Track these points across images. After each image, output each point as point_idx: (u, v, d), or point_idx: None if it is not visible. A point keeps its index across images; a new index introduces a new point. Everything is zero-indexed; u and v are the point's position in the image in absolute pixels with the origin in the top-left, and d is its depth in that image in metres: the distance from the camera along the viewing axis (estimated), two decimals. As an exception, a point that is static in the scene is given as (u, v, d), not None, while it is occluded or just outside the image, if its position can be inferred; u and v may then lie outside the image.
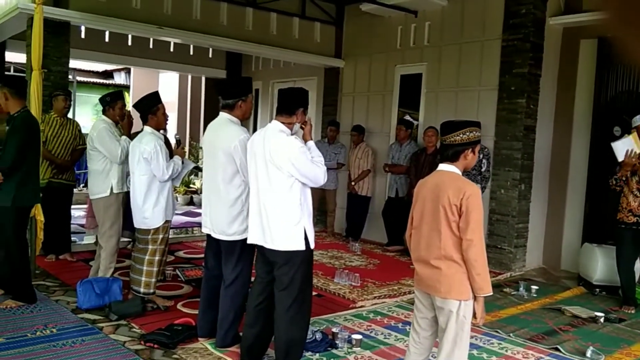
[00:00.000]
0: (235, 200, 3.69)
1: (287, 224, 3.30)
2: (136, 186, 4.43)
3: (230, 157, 3.65)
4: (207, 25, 7.29)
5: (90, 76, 17.94)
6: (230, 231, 3.71)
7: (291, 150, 3.26)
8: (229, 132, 3.70)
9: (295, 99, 3.49)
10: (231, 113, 3.79)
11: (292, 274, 3.34)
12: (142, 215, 4.42)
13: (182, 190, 11.13)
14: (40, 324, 4.09)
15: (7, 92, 4.45)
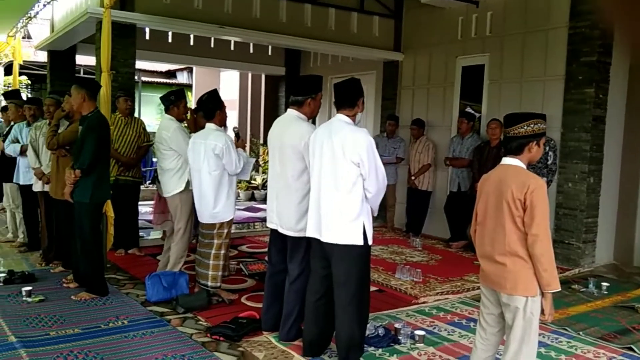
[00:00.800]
0: (304, 197, 3.69)
1: (347, 218, 3.31)
2: (205, 183, 4.48)
3: (299, 155, 3.67)
4: (266, 22, 7.38)
5: (154, 76, 18.52)
6: (298, 227, 3.72)
7: (361, 143, 3.27)
8: (298, 130, 3.70)
9: (354, 90, 3.51)
10: (299, 110, 3.80)
11: (350, 269, 3.35)
12: (213, 210, 4.49)
13: (244, 186, 11.32)
14: (113, 316, 4.27)
15: (85, 93, 4.65)
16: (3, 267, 5.45)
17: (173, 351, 3.63)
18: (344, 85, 3.53)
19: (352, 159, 3.27)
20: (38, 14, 8.91)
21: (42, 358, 3.45)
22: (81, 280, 4.86)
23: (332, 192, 3.34)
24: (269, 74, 11.40)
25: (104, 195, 4.76)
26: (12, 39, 10.64)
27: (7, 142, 6.14)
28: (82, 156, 4.53)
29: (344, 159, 3.29)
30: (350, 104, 3.46)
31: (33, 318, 4.16)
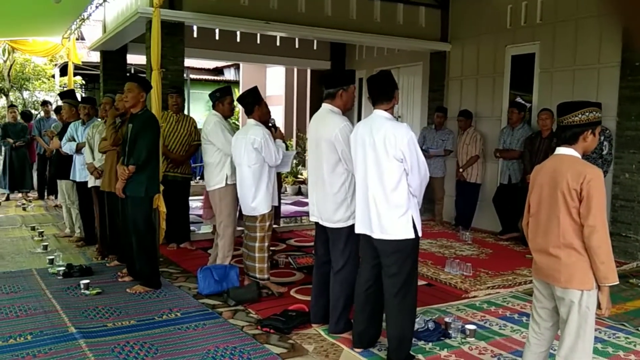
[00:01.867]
0: (339, 188, 3.75)
1: (396, 213, 3.30)
2: (246, 176, 4.60)
3: (332, 146, 3.71)
4: (312, 17, 7.39)
5: (202, 73, 18.83)
6: (335, 218, 3.77)
7: (402, 138, 3.26)
8: (330, 122, 3.75)
9: (388, 83, 3.48)
10: (332, 103, 3.83)
11: (401, 262, 3.35)
12: (252, 203, 4.60)
13: (291, 181, 11.40)
14: (166, 308, 4.38)
15: (143, 91, 4.79)
16: (62, 261, 5.65)
17: (224, 343, 3.70)
18: (377, 79, 3.50)
19: (394, 155, 3.27)
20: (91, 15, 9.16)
21: (100, 348, 3.57)
22: (136, 274, 5.00)
23: (379, 189, 3.34)
24: (315, 69, 11.42)
25: (156, 189, 4.91)
26: (66, 40, 10.98)
27: (64, 140, 6.36)
28: (137, 152, 4.66)
29: (387, 156, 3.29)
30: (387, 97, 3.45)
31: (91, 310, 4.31)
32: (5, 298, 4.59)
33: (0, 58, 13.47)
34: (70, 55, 11.03)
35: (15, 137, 9.87)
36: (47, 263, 5.63)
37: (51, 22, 9.38)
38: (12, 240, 6.86)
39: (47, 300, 4.55)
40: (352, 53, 10.72)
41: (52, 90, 14.73)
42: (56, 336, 3.77)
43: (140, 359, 3.45)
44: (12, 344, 3.65)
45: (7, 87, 13.67)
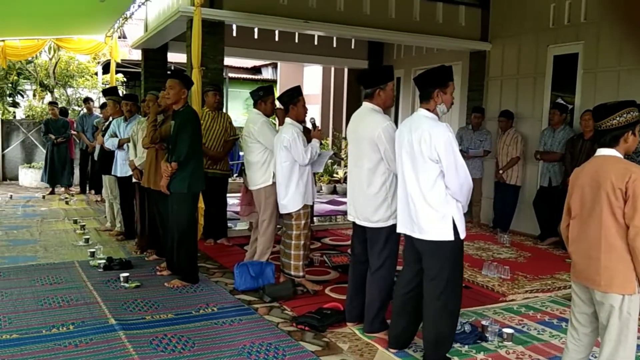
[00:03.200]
0: (379, 188, 3.72)
1: (435, 213, 3.25)
2: (278, 174, 4.69)
3: (374, 146, 3.68)
4: (350, 16, 7.39)
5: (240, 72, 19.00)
6: (374, 218, 3.74)
7: (438, 139, 3.18)
8: (372, 121, 3.72)
9: (427, 81, 3.37)
10: (372, 102, 3.80)
11: (441, 264, 3.29)
12: (282, 201, 4.66)
13: (326, 180, 11.42)
14: (203, 303, 4.44)
15: (185, 88, 4.87)
16: (103, 254, 5.79)
17: (260, 339, 3.73)
18: (419, 78, 3.44)
19: (429, 155, 3.19)
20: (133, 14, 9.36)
21: (139, 340, 3.64)
22: (174, 268, 5.09)
23: (416, 189, 3.29)
24: (352, 68, 11.40)
25: (199, 185, 4.95)
26: (109, 39, 11.24)
27: (107, 136, 6.51)
28: (178, 149, 4.73)
29: (422, 156, 3.23)
30: (425, 96, 3.36)
31: (130, 302, 4.40)
32: (49, 289, 4.73)
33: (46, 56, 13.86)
34: (112, 53, 11.28)
35: (57, 133, 10.16)
36: (89, 256, 5.77)
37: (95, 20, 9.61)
38: (56, 232, 7.06)
39: (88, 291, 4.67)
40: (390, 52, 10.67)
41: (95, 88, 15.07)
42: (97, 327, 3.87)
43: (177, 352, 3.50)
44: (55, 333, 3.76)
45: (52, 84, 14.06)
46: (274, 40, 9.93)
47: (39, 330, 3.79)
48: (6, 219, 7.86)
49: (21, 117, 13.66)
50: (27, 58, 12.71)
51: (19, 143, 12.62)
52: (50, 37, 11.15)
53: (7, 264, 5.51)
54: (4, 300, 4.42)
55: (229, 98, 15.25)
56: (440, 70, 3.40)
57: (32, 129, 12.67)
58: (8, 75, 13.63)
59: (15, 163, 12.46)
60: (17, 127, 12.69)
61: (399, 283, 3.59)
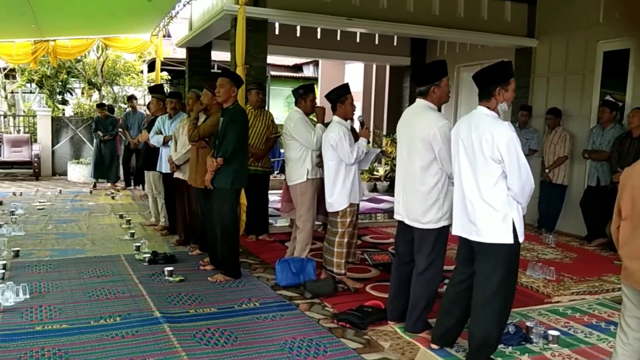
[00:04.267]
0: (431, 189, 3.64)
1: (494, 215, 3.16)
2: (326, 172, 4.71)
3: (428, 145, 3.59)
4: (393, 13, 7.34)
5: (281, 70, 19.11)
6: (425, 219, 3.67)
7: (500, 138, 3.09)
8: (427, 120, 3.63)
9: (488, 79, 3.26)
10: (426, 99, 3.72)
11: (495, 267, 3.20)
12: (329, 199, 4.67)
13: (367, 177, 11.38)
14: (245, 298, 4.50)
15: (235, 86, 4.92)
16: (148, 248, 5.92)
17: (302, 335, 3.75)
18: (478, 75, 3.33)
19: (491, 155, 3.10)
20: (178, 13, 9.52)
21: (183, 333, 3.71)
22: (217, 263, 5.16)
23: (475, 190, 3.21)
24: (394, 65, 11.32)
25: (242, 182, 5.01)
26: (155, 37, 11.48)
27: (151, 133, 6.65)
28: (225, 145, 4.79)
29: (483, 156, 3.13)
30: (485, 95, 3.25)
31: (174, 296, 4.49)
32: (97, 281, 4.86)
33: (94, 54, 14.26)
34: (157, 51, 11.52)
35: (105, 131, 10.45)
36: (134, 250, 5.90)
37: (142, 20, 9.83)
38: (102, 227, 7.26)
39: (134, 285, 4.78)
40: (433, 49, 10.55)
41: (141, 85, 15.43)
42: (142, 319, 3.95)
43: (220, 345, 3.55)
44: (103, 324, 3.86)
45: (99, 82, 14.46)
46: (316, 37, 9.95)
47: (87, 321, 3.90)
48: (56, 213, 8.11)
49: (70, 115, 14.08)
50: (76, 57, 13.10)
51: (68, 139, 13.02)
52: (99, 36, 11.47)
53: (57, 256, 5.69)
54: (54, 291, 4.56)
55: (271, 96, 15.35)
56: (501, 66, 3.30)
57: (80, 126, 13.05)
58: (58, 73, 14.08)
59: (65, 159, 12.86)
60: (67, 124, 13.09)
61: (450, 283, 3.53)
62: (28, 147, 12.41)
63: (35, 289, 4.55)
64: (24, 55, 11.16)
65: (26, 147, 12.40)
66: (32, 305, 4.18)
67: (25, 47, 11.03)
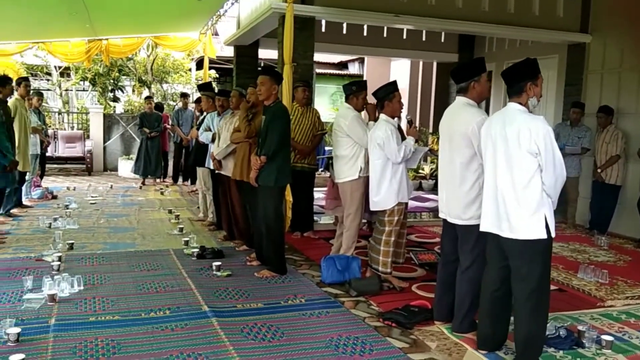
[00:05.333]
0: (472, 185, 3.64)
1: (527, 211, 3.14)
2: (372, 170, 4.69)
3: (467, 141, 3.60)
4: (441, 9, 7.25)
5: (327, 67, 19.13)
6: (465, 216, 3.66)
7: (538, 132, 3.09)
8: (465, 116, 3.65)
9: (518, 75, 3.29)
10: (466, 96, 3.74)
11: (531, 264, 3.18)
12: (374, 198, 4.65)
13: (412, 176, 11.28)
14: (291, 294, 4.53)
15: (276, 84, 4.96)
16: (196, 243, 6.03)
17: (347, 332, 3.76)
18: (507, 71, 3.35)
19: (529, 149, 3.10)
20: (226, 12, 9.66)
21: (230, 328, 3.77)
22: (263, 259, 5.22)
23: (509, 185, 3.20)
24: (441, 61, 11.17)
25: (286, 179, 5.05)
26: (203, 36, 11.67)
27: (201, 130, 6.77)
28: (268, 143, 4.84)
29: (520, 150, 3.13)
30: (516, 91, 3.28)
31: (222, 291, 4.56)
32: (147, 274, 4.99)
33: (144, 53, 14.61)
34: (206, 50, 11.70)
35: (150, 127, 10.67)
36: (183, 244, 6.03)
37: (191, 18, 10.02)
38: (152, 221, 7.43)
39: (182, 279, 4.88)
40: (482, 45, 10.36)
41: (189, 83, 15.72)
42: (191, 313, 4.04)
43: (267, 340, 3.59)
44: (153, 317, 3.96)
45: (149, 80, 14.81)
46: (362, 35, 9.91)
47: (138, 313, 4.01)
48: (107, 208, 8.36)
49: (121, 112, 14.48)
50: (127, 55, 13.43)
51: (119, 136, 13.38)
52: (149, 35, 11.73)
53: (109, 249, 5.87)
54: (106, 283, 4.71)
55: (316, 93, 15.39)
56: (529, 62, 3.32)
57: (130, 123, 13.40)
58: (110, 71, 14.49)
59: (115, 155, 13.23)
60: (117, 121, 13.46)
61: (484, 282, 3.49)
62: (81, 143, 12.83)
63: (88, 281, 4.70)
64: (78, 54, 11.52)
65: (79, 143, 12.82)
66: (86, 297, 4.32)
67: (79, 46, 11.38)
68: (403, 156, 4.55)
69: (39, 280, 4.50)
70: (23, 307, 4.05)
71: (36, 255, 5.48)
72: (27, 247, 5.86)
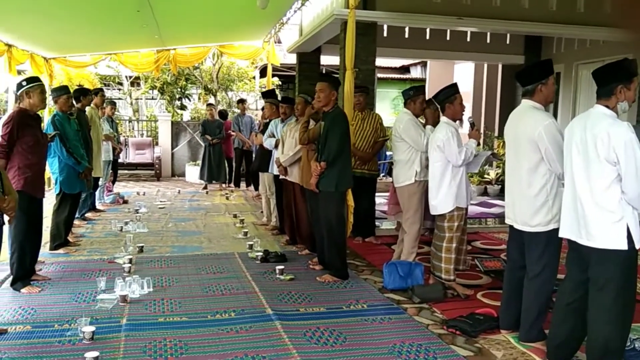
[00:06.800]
0: (539, 190, 3.52)
1: (607, 219, 2.98)
2: (431, 174, 4.64)
3: (534, 145, 3.49)
4: (507, 10, 7.10)
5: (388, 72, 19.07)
6: (533, 222, 3.55)
7: (617, 139, 2.90)
8: (532, 119, 3.53)
9: (609, 76, 3.08)
10: (532, 99, 3.62)
11: (610, 274, 3.02)
12: (433, 201, 4.60)
13: (476, 181, 11.05)
14: (353, 299, 4.53)
15: (335, 90, 5.00)
16: (260, 247, 6.13)
17: (410, 339, 3.72)
18: (598, 72, 3.16)
19: (606, 157, 2.93)
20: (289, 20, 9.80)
21: (293, 331, 3.81)
22: (325, 264, 5.24)
23: (587, 192, 3.05)
24: (507, 64, 10.93)
25: (347, 184, 5.07)
26: (266, 44, 11.88)
27: (265, 136, 6.89)
28: (327, 149, 4.87)
29: (597, 157, 2.97)
30: (606, 93, 3.08)
31: (285, 294, 4.62)
32: (213, 277, 5.11)
33: (210, 62, 15.03)
34: (269, 57, 11.90)
35: (212, 134, 10.93)
36: (247, 248, 6.15)
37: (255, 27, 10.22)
38: (218, 225, 7.62)
39: (247, 282, 4.98)
40: (549, 46, 10.06)
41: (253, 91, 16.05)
42: (255, 315, 4.11)
43: (329, 345, 3.61)
44: (219, 319, 4.06)
45: (215, 88, 15.21)
46: (425, 38, 9.83)
47: (204, 315, 4.12)
48: (175, 212, 8.63)
49: (188, 119, 14.93)
50: (193, 64, 13.86)
51: (186, 142, 13.80)
52: (215, 44, 12.05)
53: (177, 252, 6.06)
54: (174, 285, 4.86)
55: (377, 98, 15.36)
56: (624, 63, 3.12)
57: (197, 130, 13.77)
58: (177, 80, 14.98)
59: (183, 161, 13.65)
60: (185, 128, 13.89)
61: (560, 292, 3.36)
62: (150, 149, 13.32)
63: (157, 283, 4.87)
64: (148, 64, 11.97)
65: (149, 150, 13.30)
66: (155, 298, 4.48)
67: (148, 56, 11.83)
68: (464, 159, 4.48)
69: (111, 281, 4.70)
70: (97, 307, 4.25)
71: (109, 258, 5.73)
72: (101, 249, 6.13)
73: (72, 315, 4.02)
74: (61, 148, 5.73)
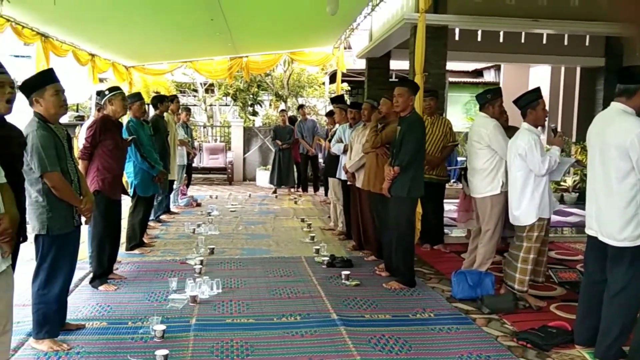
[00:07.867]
0: (629, 202, 3.27)
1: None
2: (512, 183, 4.43)
3: (624, 153, 3.23)
4: (586, 11, 6.83)
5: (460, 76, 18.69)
6: (621, 236, 3.31)
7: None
8: (623, 125, 3.28)
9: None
10: (627, 102, 3.35)
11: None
12: (515, 212, 4.41)
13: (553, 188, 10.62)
14: (419, 307, 4.45)
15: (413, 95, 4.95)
16: (326, 251, 6.15)
17: (478, 351, 3.61)
18: (621, 71, 3.14)
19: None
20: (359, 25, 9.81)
21: (358, 337, 3.78)
22: (392, 270, 5.19)
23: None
24: (585, 66, 10.47)
25: (419, 190, 4.98)
26: (336, 50, 11.95)
27: (333, 141, 6.92)
28: (402, 154, 4.82)
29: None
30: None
31: (350, 300, 4.60)
32: (280, 280, 5.18)
33: (281, 68, 15.28)
34: (339, 63, 11.96)
35: (282, 140, 11.10)
36: (314, 252, 6.18)
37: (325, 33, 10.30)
38: (286, 229, 7.71)
39: (313, 286, 5.00)
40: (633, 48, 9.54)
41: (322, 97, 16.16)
42: (320, 320, 4.12)
43: (394, 353, 3.56)
44: (285, 322, 4.10)
45: (285, 94, 15.45)
46: (499, 41, 9.53)
47: (270, 318, 4.17)
48: (245, 215, 8.81)
49: (259, 125, 15.23)
50: (265, 71, 14.14)
51: (257, 148, 14.08)
52: (286, 51, 12.25)
53: (246, 255, 6.17)
54: (243, 287, 4.95)
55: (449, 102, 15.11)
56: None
57: (267, 136, 14.04)
58: (250, 87, 15.31)
59: (254, 165, 13.93)
60: (256, 133, 14.17)
61: None
62: (223, 154, 13.68)
63: (226, 284, 4.98)
64: (221, 71, 12.31)
65: (222, 155, 13.67)
66: (224, 299, 4.58)
67: (222, 63, 12.17)
68: (548, 168, 4.26)
69: (182, 282, 4.85)
70: (168, 307, 4.39)
71: (181, 259, 5.92)
72: (173, 250, 6.34)
73: (145, 314, 4.18)
74: (136, 153, 5.97)
